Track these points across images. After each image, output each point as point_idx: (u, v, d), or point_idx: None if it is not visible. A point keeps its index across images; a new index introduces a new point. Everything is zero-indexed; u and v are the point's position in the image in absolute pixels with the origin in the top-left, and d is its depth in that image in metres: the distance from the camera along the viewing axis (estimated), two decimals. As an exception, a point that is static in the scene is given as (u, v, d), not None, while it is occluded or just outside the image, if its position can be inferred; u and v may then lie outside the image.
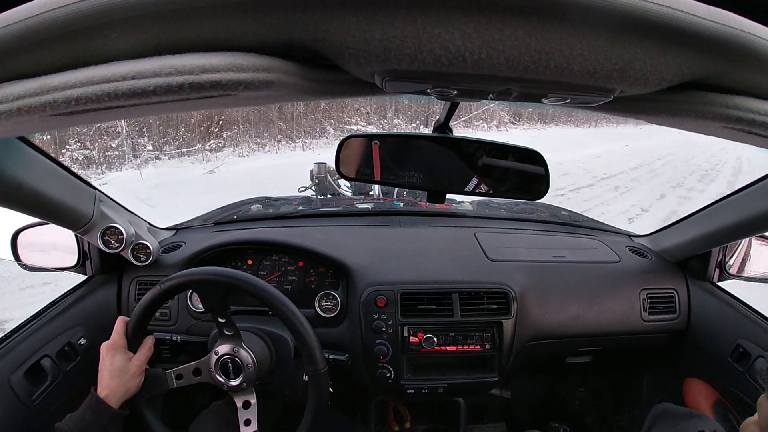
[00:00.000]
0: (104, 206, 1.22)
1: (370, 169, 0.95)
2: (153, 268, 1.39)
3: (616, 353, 1.59)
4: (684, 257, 1.50)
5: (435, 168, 0.96)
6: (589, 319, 1.40)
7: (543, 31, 0.29)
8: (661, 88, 0.35)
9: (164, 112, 0.39)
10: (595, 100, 0.38)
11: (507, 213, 1.89)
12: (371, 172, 0.96)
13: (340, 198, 2.38)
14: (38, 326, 1.21)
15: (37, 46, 0.31)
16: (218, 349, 1.08)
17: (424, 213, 1.79)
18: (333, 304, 1.36)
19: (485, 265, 1.43)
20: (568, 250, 1.53)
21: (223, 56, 0.31)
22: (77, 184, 1.12)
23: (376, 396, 1.55)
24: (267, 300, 1.04)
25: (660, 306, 1.44)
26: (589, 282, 1.43)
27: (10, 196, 0.90)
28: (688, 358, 1.49)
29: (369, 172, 0.96)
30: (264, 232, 1.52)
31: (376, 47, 0.30)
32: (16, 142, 0.88)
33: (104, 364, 1.03)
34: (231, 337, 1.08)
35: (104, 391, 1.00)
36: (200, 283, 1.04)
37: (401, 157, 0.94)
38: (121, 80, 0.30)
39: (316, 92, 0.38)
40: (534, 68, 0.32)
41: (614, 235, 1.72)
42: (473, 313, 1.31)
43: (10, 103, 0.32)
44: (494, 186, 0.95)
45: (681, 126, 0.42)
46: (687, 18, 0.29)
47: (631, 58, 0.31)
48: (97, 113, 0.34)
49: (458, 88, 0.38)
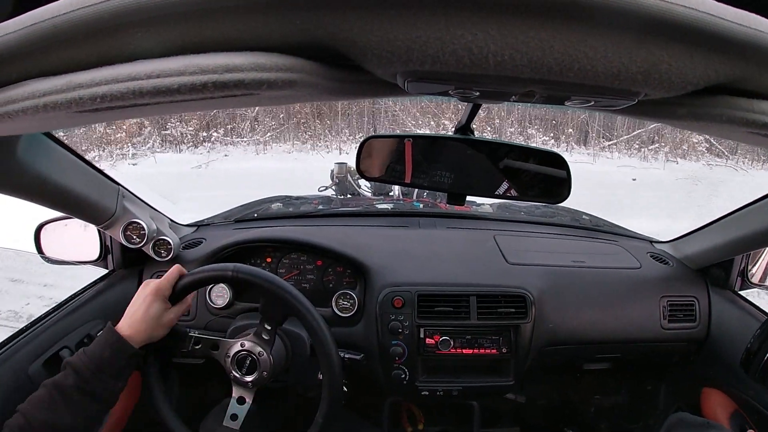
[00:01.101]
0: (127, 202, 1.23)
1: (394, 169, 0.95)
2: (173, 264, 1.40)
3: (633, 361, 1.57)
4: (706, 265, 1.48)
5: (455, 170, 0.95)
6: (608, 325, 1.38)
7: (567, 33, 0.29)
8: (686, 91, 0.34)
9: (188, 111, 0.39)
10: (619, 104, 0.37)
11: (527, 216, 1.87)
12: (395, 172, 0.95)
13: (360, 198, 2.38)
14: (58, 318, 1.22)
15: (64, 44, 0.31)
16: (246, 343, 1.08)
17: (443, 214, 1.78)
18: (350, 304, 1.36)
19: (504, 268, 1.42)
20: (588, 255, 1.51)
21: (247, 56, 0.31)
22: (101, 179, 1.13)
23: (390, 396, 1.55)
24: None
25: (680, 314, 1.42)
26: (609, 288, 1.41)
27: (35, 191, 0.92)
28: (706, 368, 1.46)
29: (393, 172, 0.96)
30: (283, 230, 1.53)
31: (398, 48, 0.30)
32: (42, 138, 0.89)
33: (139, 305, 0.98)
34: (265, 342, 1.08)
35: (128, 331, 0.94)
36: (269, 291, 1.04)
37: (423, 159, 0.93)
38: (146, 78, 0.31)
39: (339, 92, 0.38)
40: (557, 70, 0.31)
41: (636, 240, 1.69)
42: (490, 317, 1.30)
43: (36, 100, 0.32)
44: (515, 188, 0.95)
45: (706, 131, 0.42)
46: (712, 20, 0.28)
47: (656, 60, 0.31)
48: (121, 110, 0.34)
49: (480, 90, 0.37)
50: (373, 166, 0.96)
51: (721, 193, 8.44)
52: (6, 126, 0.36)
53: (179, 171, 9.47)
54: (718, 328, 1.42)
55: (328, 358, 1.04)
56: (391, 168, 0.96)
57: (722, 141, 10.91)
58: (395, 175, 0.96)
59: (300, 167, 9.66)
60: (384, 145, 1.00)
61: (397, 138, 1.00)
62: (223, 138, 12.00)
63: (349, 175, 2.44)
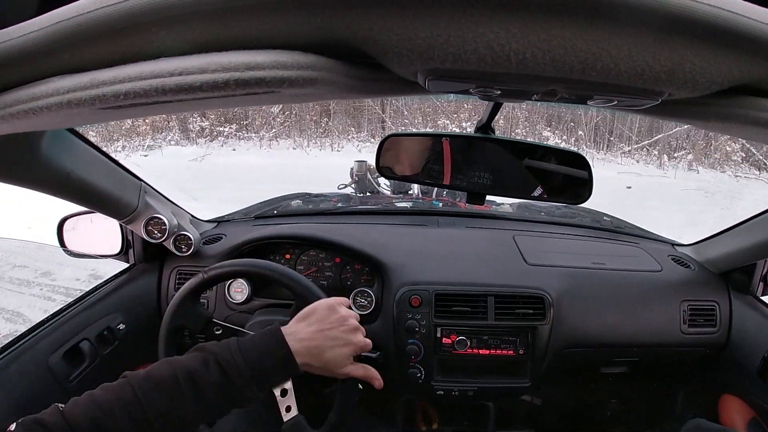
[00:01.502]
0: (149, 197, 1.25)
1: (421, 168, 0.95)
2: (193, 259, 1.42)
3: (651, 365, 1.54)
4: (728, 269, 1.45)
5: (477, 169, 0.95)
6: (627, 328, 1.36)
7: (590, 31, 0.29)
8: (711, 91, 0.33)
9: (209, 108, 0.40)
10: (643, 103, 0.37)
11: (547, 216, 1.86)
12: (427, 171, 0.95)
13: (380, 196, 2.38)
14: (79, 310, 1.24)
15: (88, 42, 0.32)
16: None
17: (462, 214, 1.78)
18: (367, 302, 1.37)
19: (523, 268, 1.41)
20: (608, 257, 1.49)
21: (268, 54, 0.31)
22: (123, 175, 1.15)
23: (404, 395, 1.55)
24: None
25: (700, 318, 1.40)
26: (629, 291, 1.40)
27: (60, 186, 0.94)
28: (725, 374, 1.44)
29: (425, 170, 0.95)
30: (303, 227, 1.53)
31: (419, 46, 0.30)
32: (66, 134, 0.91)
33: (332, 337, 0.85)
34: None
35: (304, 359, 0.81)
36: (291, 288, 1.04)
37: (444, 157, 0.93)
38: (168, 76, 0.31)
39: (359, 90, 0.38)
40: (580, 69, 0.31)
41: (657, 243, 1.67)
42: (508, 317, 1.29)
43: (60, 96, 0.33)
44: (536, 189, 0.94)
45: (730, 132, 0.41)
46: (738, 19, 0.28)
47: (681, 59, 0.30)
48: (144, 107, 0.35)
49: (502, 89, 0.37)
50: (394, 164, 0.96)
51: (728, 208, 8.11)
52: (30, 122, 0.36)
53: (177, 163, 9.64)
54: (738, 333, 1.39)
55: None
56: (416, 166, 0.95)
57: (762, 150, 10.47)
58: (431, 174, 0.95)
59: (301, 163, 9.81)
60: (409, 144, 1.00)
61: (419, 136, 1.00)
62: (236, 133, 12.15)
63: (368, 173, 2.44)
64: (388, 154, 0.97)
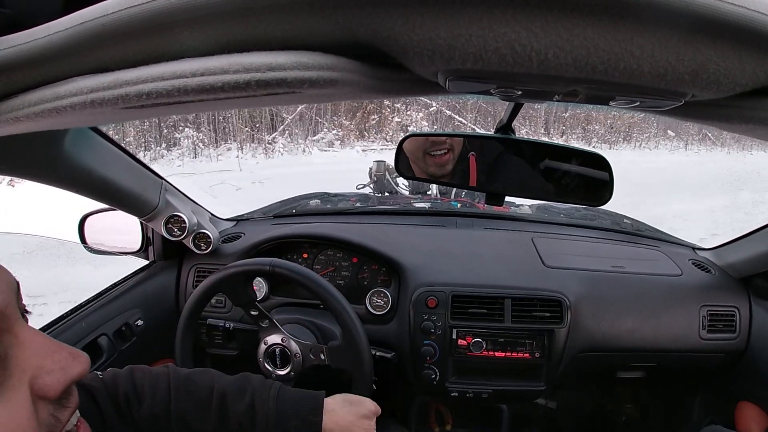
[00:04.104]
0: (169, 195, 1.27)
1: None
2: (212, 257, 1.44)
3: (669, 371, 1.52)
4: (748, 274, 1.42)
5: (496, 169, 0.94)
6: (645, 333, 1.34)
7: (613, 31, 0.28)
8: (734, 93, 0.33)
9: (230, 108, 0.40)
10: (665, 104, 0.36)
11: (567, 219, 1.83)
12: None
13: (398, 196, 2.38)
14: (99, 306, 1.26)
15: (112, 42, 0.32)
16: (267, 339, 1.12)
17: (481, 215, 1.76)
18: (384, 302, 1.37)
19: (541, 271, 1.39)
20: (627, 261, 1.47)
21: (289, 54, 0.31)
22: (144, 173, 1.17)
23: (419, 396, 1.55)
24: (321, 294, 1.05)
25: (720, 324, 1.37)
26: (648, 295, 1.38)
27: (82, 183, 0.95)
28: (743, 381, 1.41)
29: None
30: (321, 227, 1.54)
31: (440, 46, 0.30)
32: (89, 132, 0.92)
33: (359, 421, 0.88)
34: (268, 329, 1.11)
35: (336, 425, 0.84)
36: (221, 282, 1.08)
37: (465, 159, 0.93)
38: (190, 76, 0.31)
39: (379, 90, 0.38)
40: (602, 69, 0.30)
41: (678, 246, 1.64)
42: (525, 320, 1.28)
43: (84, 96, 0.33)
44: (555, 190, 0.93)
45: (753, 134, 0.40)
46: (763, 19, 0.27)
47: (704, 60, 0.30)
48: (166, 107, 0.35)
49: (523, 89, 0.37)
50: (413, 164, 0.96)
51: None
52: (54, 121, 0.37)
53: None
54: (757, 340, 1.37)
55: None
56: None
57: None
58: (452, 175, 0.95)
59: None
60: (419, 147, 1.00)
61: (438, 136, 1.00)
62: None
63: (387, 173, 2.43)
64: (408, 154, 0.97)
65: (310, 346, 1.12)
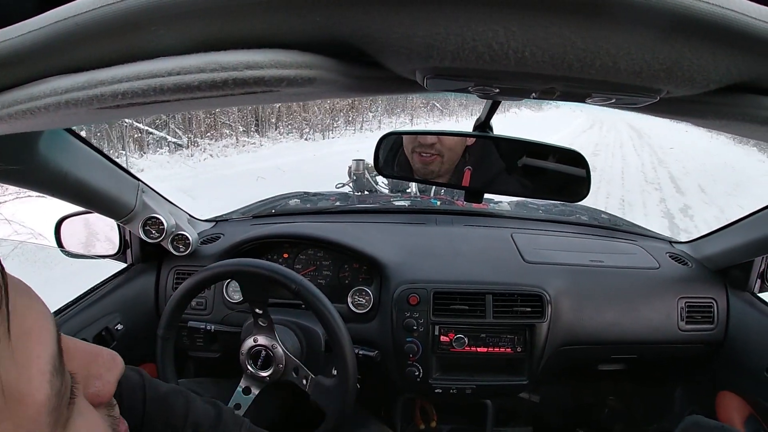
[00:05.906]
0: (146, 197, 1.25)
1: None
2: (191, 259, 1.42)
3: (649, 362, 1.55)
4: (725, 266, 1.45)
5: (475, 166, 0.95)
6: (625, 326, 1.37)
7: (589, 30, 0.28)
8: (708, 89, 0.33)
9: (208, 107, 0.40)
10: (641, 101, 0.36)
11: (545, 214, 1.85)
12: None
13: (377, 195, 2.38)
14: (77, 311, 1.24)
15: (86, 42, 0.31)
16: (257, 338, 1.10)
17: (460, 212, 1.77)
18: (365, 300, 1.37)
19: (521, 266, 1.41)
20: (606, 255, 1.49)
21: (267, 53, 0.31)
22: (121, 174, 1.15)
23: (403, 394, 1.55)
24: (303, 294, 1.05)
25: (698, 316, 1.40)
26: (627, 288, 1.40)
27: (56, 186, 0.93)
28: (722, 371, 1.44)
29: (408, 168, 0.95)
30: (301, 226, 1.54)
31: (418, 45, 0.30)
32: (63, 134, 0.91)
33: None
34: (264, 329, 1.10)
35: None
36: (244, 274, 1.06)
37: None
38: (166, 75, 0.30)
39: (357, 89, 0.38)
40: (579, 67, 0.31)
41: (655, 240, 1.67)
42: (506, 315, 1.29)
43: (58, 96, 0.32)
44: (534, 186, 0.94)
45: (728, 129, 0.41)
46: (737, 17, 0.27)
47: (679, 57, 0.30)
48: (142, 107, 0.34)
49: (500, 87, 0.37)
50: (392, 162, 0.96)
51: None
52: (28, 122, 0.36)
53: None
54: (736, 330, 1.40)
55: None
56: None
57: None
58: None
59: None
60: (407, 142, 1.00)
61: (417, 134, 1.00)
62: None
63: (366, 171, 2.43)
64: (386, 152, 0.97)
65: (296, 365, 1.11)
